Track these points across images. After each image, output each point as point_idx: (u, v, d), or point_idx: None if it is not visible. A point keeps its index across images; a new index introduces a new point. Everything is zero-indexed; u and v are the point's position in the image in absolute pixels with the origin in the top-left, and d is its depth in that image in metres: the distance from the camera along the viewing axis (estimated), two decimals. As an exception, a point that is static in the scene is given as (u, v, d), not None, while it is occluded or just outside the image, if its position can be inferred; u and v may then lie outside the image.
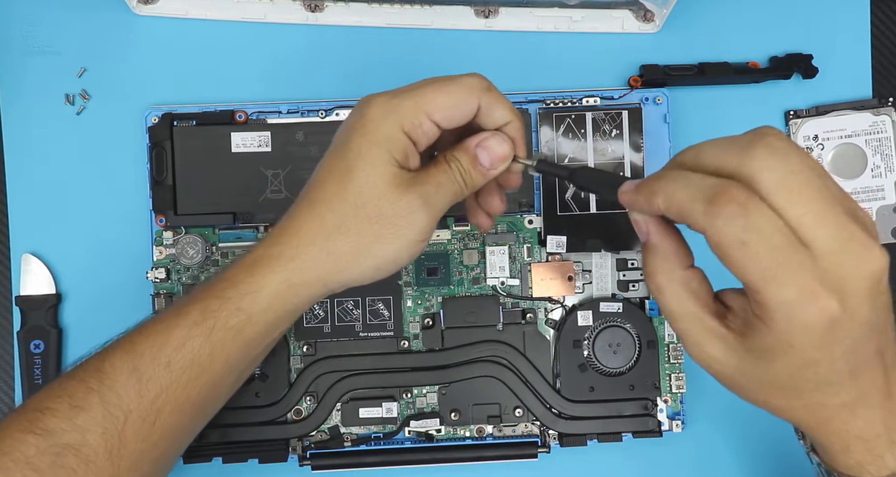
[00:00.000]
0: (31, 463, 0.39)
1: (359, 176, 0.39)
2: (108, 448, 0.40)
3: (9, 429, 0.40)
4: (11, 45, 0.56)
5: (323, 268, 0.40)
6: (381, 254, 0.40)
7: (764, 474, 0.56)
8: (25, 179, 0.56)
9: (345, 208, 0.39)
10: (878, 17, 0.58)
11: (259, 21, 0.56)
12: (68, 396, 0.40)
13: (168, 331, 0.41)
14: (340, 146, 0.40)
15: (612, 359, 0.53)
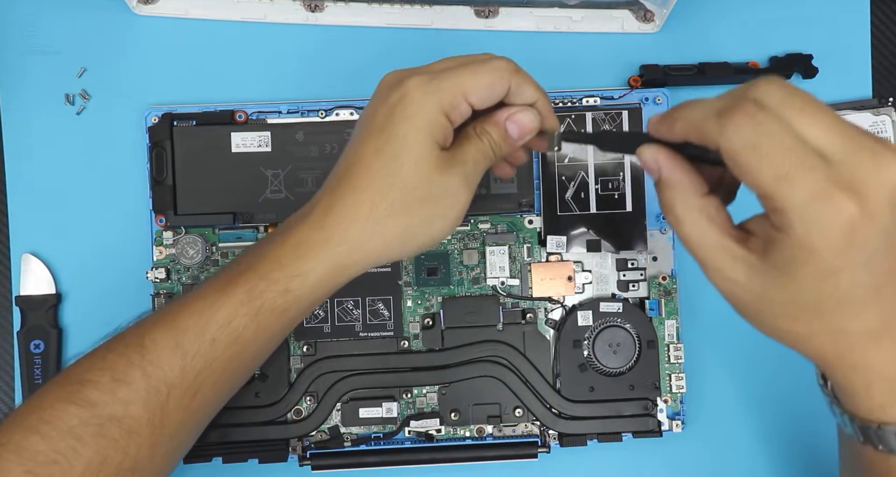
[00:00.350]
0: (74, 432, 0.40)
1: (407, 162, 0.40)
2: (150, 420, 0.41)
3: (49, 398, 0.41)
4: (11, 45, 0.56)
5: (372, 250, 0.41)
6: (429, 233, 0.41)
7: (764, 474, 0.56)
8: (25, 179, 0.56)
9: (394, 194, 0.40)
10: (878, 17, 0.58)
11: (259, 21, 0.56)
12: (109, 370, 0.41)
13: (214, 309, 0.42)
14: (382, 130, 0.40)
15: (612, 359, 0.53)
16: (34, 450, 0.40)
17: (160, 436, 0.42)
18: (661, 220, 0.55)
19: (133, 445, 0.41)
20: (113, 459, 0.41)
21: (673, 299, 0.54)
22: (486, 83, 0.41)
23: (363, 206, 0.40)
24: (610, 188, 0.54)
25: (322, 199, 0.42)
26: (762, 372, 0.56)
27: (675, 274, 0.55)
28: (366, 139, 0.41)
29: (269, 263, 0.42)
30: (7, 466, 0.39)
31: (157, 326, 0.42)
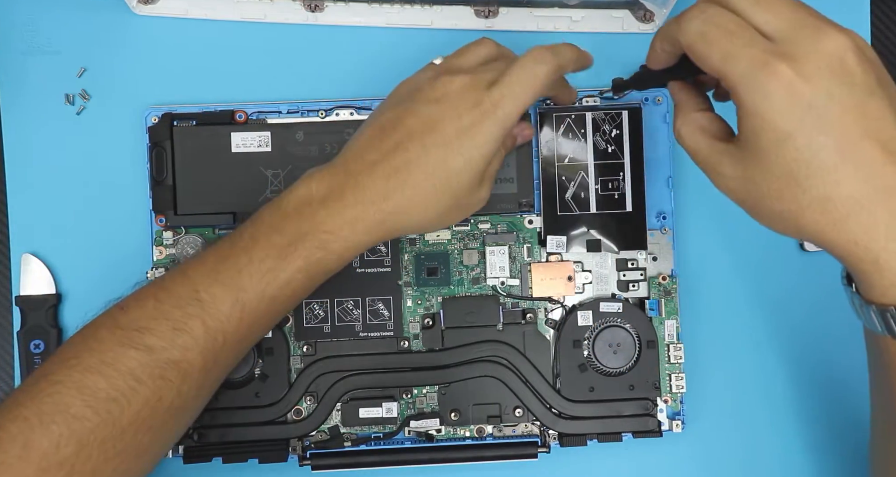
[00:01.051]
0: (134, 374, 0.43)
1: (463, 184, 0.46)
2: (204, 364, 0.45)
3: (107, 341, 0.44)
4: (11, 45, 0.56)
5: (411, 231, 0.49)
6: (457, 219, 0.50)
7: (764, 474, 0.56)
8: (25, 179, 0.56)
9: (446, 204, 0.46)
10: (878, 17, 0.58)
11: (259, 21, 0.56)
12: (167, 319, 0.44)
13: (274, 273, 0.45)
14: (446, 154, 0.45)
15: (612, 359, 0.53)
16: (95, 387, 0.43)
17: (208, 378, 0.46)
18: (662, 220, 0.55)
19: (185, 386, 0.45)
20: (166, 398, 0.44)
21: (673, 299, 0.54)
22: (536, 97, 0.46)
23: (419, 205, 0.46)
24: (610, 188, 0.54)
25: (377, 182, 0.45)
26: (762, 372, 0.56)
27: (675, 274, 0.55)
28: (431, 145, 0.45)
29: (326, 233, 0.45)
30: (67, 400, 0.42)
31: (215, 283, 0.45)
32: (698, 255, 0.56)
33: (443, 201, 0.46)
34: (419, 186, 0.45)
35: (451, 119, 0.45)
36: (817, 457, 0.56)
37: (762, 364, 0.56)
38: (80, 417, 0.42)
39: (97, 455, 0.42)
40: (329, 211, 0.45)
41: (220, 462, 0.53)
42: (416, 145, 0.45)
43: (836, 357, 0.56)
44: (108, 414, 0.42)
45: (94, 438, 0.42)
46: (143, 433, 0.44)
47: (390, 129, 0.46)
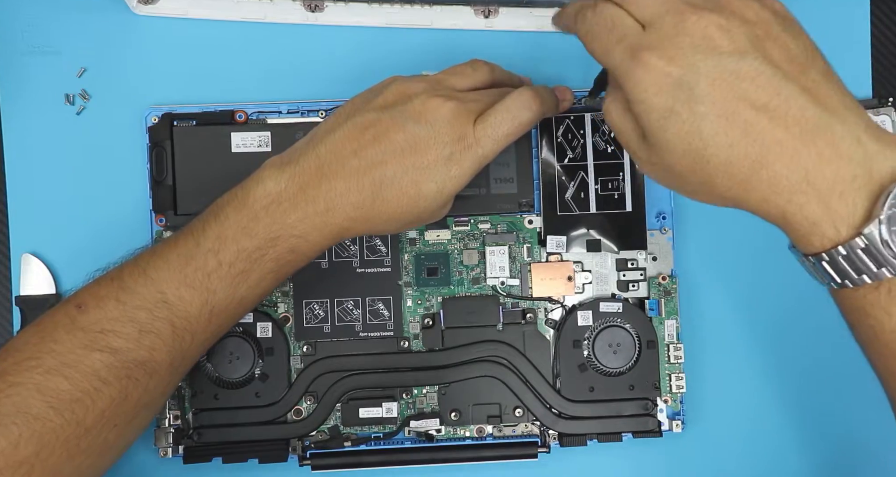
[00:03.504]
0: (99, 375, 0.43)
1: (431, 206, 0.46)
2: (171, 363, 0.45)
3: (67, 343, 0.43)
4: (11, 45, 0.56)
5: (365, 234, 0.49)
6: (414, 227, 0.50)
7: (764, 474, 0.56)
8: (25, 179, 0.56)
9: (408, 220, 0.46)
10: (878, 17, 0.58)
11: (259, 21, 0.56)
12: (132, 322, 0.44)
13: (244, 275, 0.45)
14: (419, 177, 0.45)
15: (612, 359, 0.53)
16: (57, 389, 0.42)
17: (175, 375, 0.46)
18: (662, 220, 0.55)
19: (153, 383, 0.45)
20: (133, 396, 0.44)
21: (673, 299, 0.54)
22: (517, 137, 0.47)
23: (385, 217, 0.46)
24: (610, 188, 0.54)
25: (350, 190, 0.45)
26: (762, 372, 0.56)
27: (675, 274, 0.55)
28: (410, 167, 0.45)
29: (296, 237, 0.45)
30: (28, 402, 0.42)
31: (183, 285, 0.45)
32: (698, 255, 0.56)
33: (406, 218, 0.46)
34: (389, 203, 0.45)
35: (435, 146, 0.45)
36: (817, 457, 0.56)
37: (762, 364, 0.56)
38: (41, 417, 0.41)
39: (59, 453, 0.42)
40: (299, 215, 0.45)
41: (220, 462, 0.53)
42: (396, 163, 0.45)
43: (836, 357, 0.56)
44: (73, 414, 0.42)
45: (56, 438, 0.42)
46: (109, 430, 0.43)
47: (372, 137, 0.45)
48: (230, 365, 0.53)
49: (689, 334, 0.56)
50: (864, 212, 0.37)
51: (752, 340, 0.56)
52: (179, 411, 0.53)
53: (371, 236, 0.54)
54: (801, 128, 0.37)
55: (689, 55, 0.38)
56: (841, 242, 0.37)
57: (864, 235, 0.37)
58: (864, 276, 0.38)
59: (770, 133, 0.37)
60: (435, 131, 0.45)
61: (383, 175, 0.45)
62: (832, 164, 0.37)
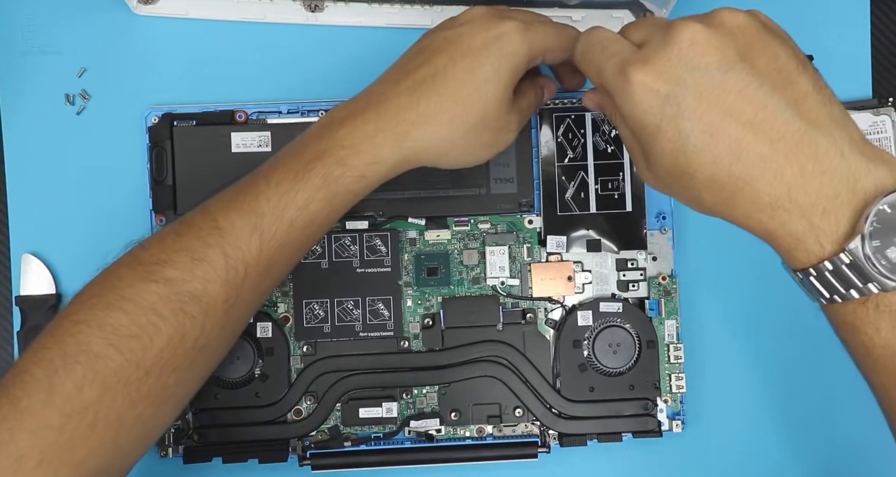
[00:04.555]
0: (155, 308, 0.42)
1: (493, 92, 0.44)
2: (226, 298, 0.44)
3: (128, 278, 0.43)
4: (11, 45, 0.56)
5: (437, 152, 0.46)
6: (479, 156, 0.48)
7: (764, 474, 0.56)
8: (25, 179, 0.56)
9: (475, 116, 0.45)
10: (878, 17, 0.58)
11: (259, 21, 0.56)
12: (186, 251, 0.43)
13: (291, 194, 0.44)
14: (479, 54, 0.44)
15: (612, 359, 0.53)
16: (116, 324, 0.41)
17: (231, 315, 0.44)
18: (662, 220, 0.55)
19: (209, 323, 0.43)
20: (190, 335, 0.43)
21: (673, 299, 0.54)
22: (565, 48, 0.46)
23: (446, 115, 0.44)
24: (610, 188, 0.54)
25: (401, 95, 0.45)
26: (762, 372, 0.56)
27: (675, 274, 0.55)
28: (458, 56, 0.44)
29: (345, 148, 0.44)
30: (90, 340, 0.41)
31: (232, 210, 0.44)
32: (698, 255, 0.56)
33: (470, 115, 0.45)
34: (446, 95, 0.44)
35: (479, 31, 0.45)
36: (817, 456, 0.56)
37: (762, 364, 0.56)
38: (103, 356, 0.41)
39: (122, 399, 0.41)
40: (348, 128, 0.44)
41: (220, 462, 0.53)
42: (441, 58, 0.45)
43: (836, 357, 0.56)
44: (132, 353, 0.41)
45: (117, 380, 0.41)
46: (168, 374, 0.42)
47: (413, 55, 0.46)
48: (230, 365, 0.53)
49: (689, 334, 0.56)
50: (847, 227, 0.37)
51: (752, 340, 0.56)
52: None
53: (371, 236, 0.54)
54: (786, 142, 0.37)
55: (675, 68, 0.38)
56: (826, 258, 0.37)
57: (848, 251, 0.37)
58: (852, 291, 0.38)
59: (754, 149, 0.37)
60: (475, 24, 0.45)
61: (433, 72, 0.44)
62: (815, 179, 0.37)
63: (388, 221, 0.54)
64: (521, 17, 0.46)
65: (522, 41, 0.45)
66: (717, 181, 0.38)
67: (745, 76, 0.38)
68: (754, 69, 0.38)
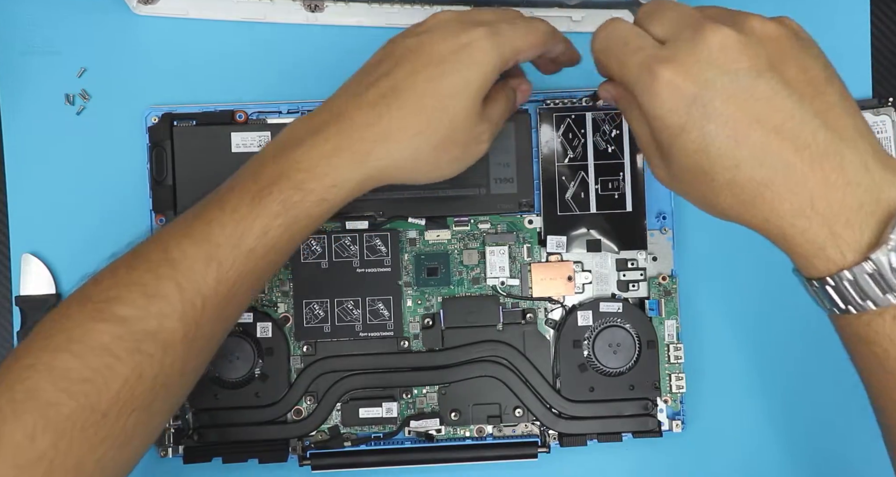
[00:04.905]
0: (108, 349, 0.40)
1: (461, 105, 0.43)
2: (185, 333, 0.41)
3: (77, 317, 0.41)
4: (11, 45, 0.56)
5: (403, 169, 0.44)
6: (452, 168, 0.45)
7: (764, 474, 0.56)
8: (25, 179, 0.56)
9: (442, 130, 0.43)
10: (878, 17, 0.58)
11: (259, 21, 0.56)
12: (138, 285, 0.41)
13: (248, 221, 0.42)
14: (443, 64, 0.42)
15: (612, 359, 0.53)
16: (66, 368, 0.39)
17: (192, 349, 0.42)
18: (662, 220, 0.55)
19: (168, 360, 0.41)
20: (148, 374, 0.40)
21: (673, 299, 0.54)
22: (537, 46, 0.45)
23: (409, 132, 0.42)
24: (610, 188, 0.54)
25: (362, 110, 0.43)
26: (762, 372, 0.56)
27: (675, 274, 0.55)
28: (422, 67, 0.42)
29: (302, 172, 0.42)
30: (39, 386, 0.39)
31: (185, 238, 0.42)
32: (698, 255, 0.56)
33: (437, 130, 0.42)
34: (409, 110, 0.42)
35: (444, 39, 0.42)
36: (817, 456, 0.56)
37: (762, 364, 0.56)
38: (54, 402, 0.38)
39: (79, 444, 0.39)
40: (306, 148, 0.42)
41: (220, 462, 0.53)
42: (404, 68, 0.43)
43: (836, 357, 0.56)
44: (86, 397, 0.39)
45: (72, 426, 0.38)
46: (128, 416, 0.40)
47: (376, 63, 0.44)
48: (230, 365, 0.53)
49: (689, 334, 0.56)
50: (870, 238, 0.37)
51: (752, 340, 0.56)
52: (179, 411, 0.53)
53: (371, 236, 0.54)
54: (811, 152, 0.37)
55: (705, 70, 0.37)
56: (847, 267, 0.37)
57: (872, 260, 0.36)
58: (869, 301, 0.37)
59: (779, 156, 0.37)
60: (440, 30, 0.43)
61: (395, 84, 0.42)
62: (839, 190, 0.37)
63: (388, 221, 0.54)
64: (490, 18, 0.44)
65: (491, 49, 0.43)
66: (737, 185, 0.38)
67: (774, 84, 0.37)
68: (784, 78, 0.38)
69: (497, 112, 0.46)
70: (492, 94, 0.45)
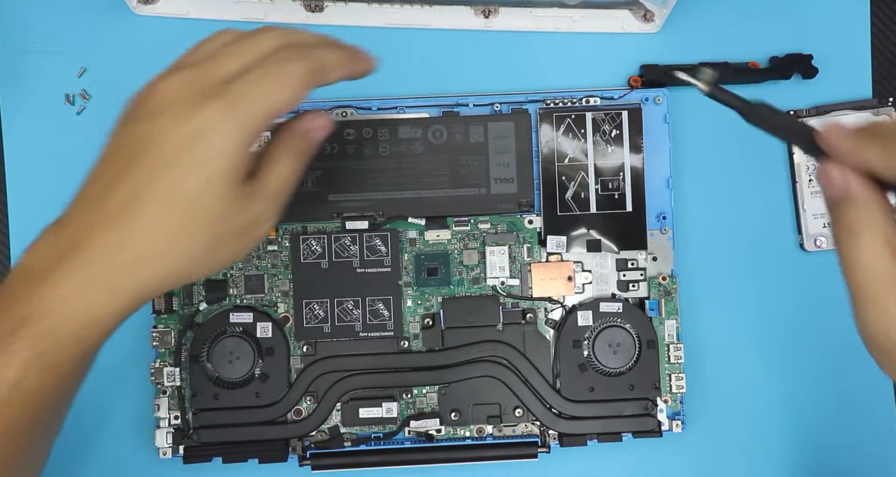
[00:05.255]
0: None
1: (215, 209, 0.37)
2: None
3: None
4: (11, 45, 0.56)
5: (174, 282, 0.38)
6: (237, 257, 0.40)
7: (764, 474, 0.56)
8: (25, 179, 0.56)
9: (202, 238, 0.37)
10: (878, 17, 0.58)
11: (259, 21, 0.56)
12: None
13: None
14: (177, 165, 0.36)
15: (612, 359, 0.53)
16: None
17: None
18: (662, 220, 0.55)
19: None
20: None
21: (673, 299, 0.54)
22: (291, 100, 0.38)
23: (164, 246, 0.37)
24: (610, 188, 0.54)
25: (106, 229, 0.36)
26: (762, 372, 0.56)
27: (675, 274, 0.55)
28: (157, 169, 0.36)
29: (48, 316, 0.36)
30: None
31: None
32: (698, 255, 0.56)
33: (197, 237, 0.37)
34: (156, 221, 0.36)
35: (175, 126, 0.36)
36: (817, 456, 0.56)
37: (762, 364, 0.56)
38: None
39: None
40: (49, 287, 0.36)
41: (220, 462, 0.53)
42: (138, 171, 0.36)
43: (835, 357, 0.56)
44: None
45: None
46: None
47: (109, 160, 0.38)
48: (230, 365, 0.53)
49: (689, 334, 0.56)
50: None
51: (753, 340, 0.56)
52: (179, 411, 0.53)
53: (371, 236, 0.54)
54: None
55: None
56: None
57: None
58: None
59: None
60: (168, 114, 0.36)
61: (133, 195, 0.36)
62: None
63: (388, 221, 0.54)
64: (234, 69, 0.37)
65: (231, 130, 0.36)
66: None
67: None
68: None
69: (276, 180, 0.39)
70: (267, 159, 0.39)
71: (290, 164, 0.40)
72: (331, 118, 0.42)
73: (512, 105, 0.55)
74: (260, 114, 0.37)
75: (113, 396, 0.55)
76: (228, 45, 0.39)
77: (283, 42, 0.39)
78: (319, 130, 0.41)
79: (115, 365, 0.54)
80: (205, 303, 0.54)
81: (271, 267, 0.54)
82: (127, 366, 0.55)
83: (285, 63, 0.37)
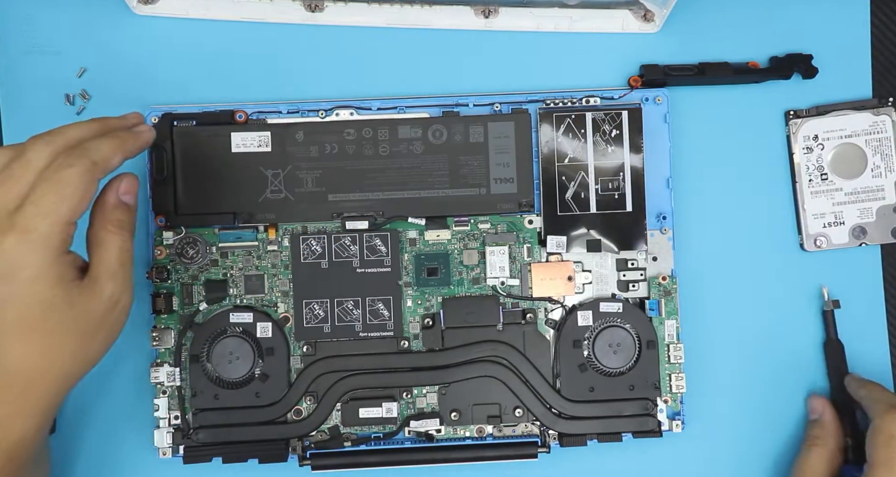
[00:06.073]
0: None
1: (62, 315, 0.38)
2: None
3: None
4: (11, 45, 0.56)
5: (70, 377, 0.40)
6: (112, 337, 0.41)
7: (763, 474, 0.56)
8: (25, 179, 0.56)
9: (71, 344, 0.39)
10: (878, 17, 0.58)
11: (259, 21, 0.56)
12: None
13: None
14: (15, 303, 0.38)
15: (612, 359, 0.53)
16: None
17: None
18: (662, 220, 0.55)
19: None
20: None
21: (673, 299, 0.54)
22: (81, 201, 0.39)
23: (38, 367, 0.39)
24: (610, 188, 0.54)
25: None
26: (762, 372, 0.56)
27: (675, 274, 0.55)
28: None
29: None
30: None
31: None
32: (698, 255, 0.56)
33: (64, 343, 0.38)
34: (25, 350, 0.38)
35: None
36: (817, 457, 0.56)
37: (762, 364, 0.56)
38: None
39: None
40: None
41: (220, 462, 0.53)
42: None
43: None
44: None
45: None
46: None
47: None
48: (230, 365, 0.53)
49: (689, 334, 0.56)
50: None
51: (752, 340, 0.56)
52: (179, 411, 0.53)
53: (371, 236, 0.54)
54: None
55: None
56: None
57: None
58: None
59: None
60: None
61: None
62: None
63: (388, 221, 0.54)
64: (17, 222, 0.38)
65: (35, 255, 0.37)
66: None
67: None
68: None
69: (108, 261, 0.41)
70: (91, 245, 0.41)
71: (115, 240, 0.41)
72: (133, 176, 0.43)
73: (512, 105, 0.55)
74: (56, 227, 0.38)
75: (113, 395, 0.55)
76: (3, 169, 0.40)
77: (54, 148, 0.40)
78: (128, 195, 0.43)
79: (116, 365, 0.54)
80: (205, 303, 0.54)
81: (271, 267, 0.54)
82: (127, 366, 0.55)
83: (62, 171, 0.39)
